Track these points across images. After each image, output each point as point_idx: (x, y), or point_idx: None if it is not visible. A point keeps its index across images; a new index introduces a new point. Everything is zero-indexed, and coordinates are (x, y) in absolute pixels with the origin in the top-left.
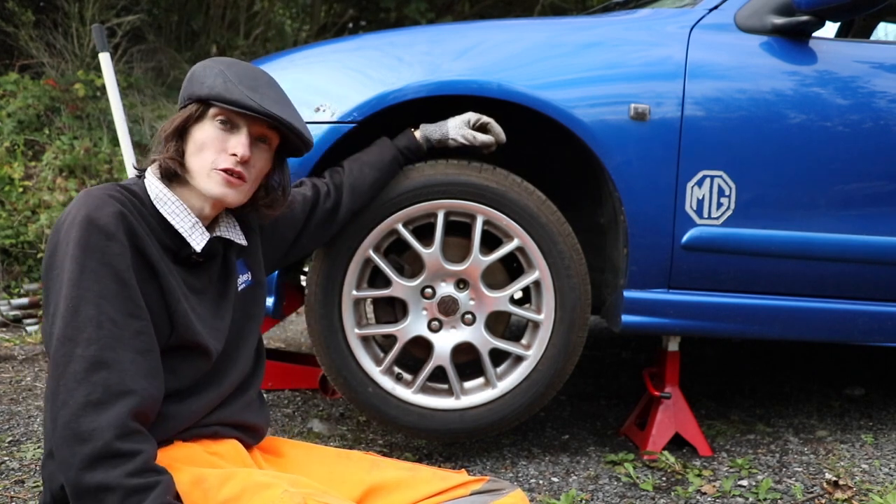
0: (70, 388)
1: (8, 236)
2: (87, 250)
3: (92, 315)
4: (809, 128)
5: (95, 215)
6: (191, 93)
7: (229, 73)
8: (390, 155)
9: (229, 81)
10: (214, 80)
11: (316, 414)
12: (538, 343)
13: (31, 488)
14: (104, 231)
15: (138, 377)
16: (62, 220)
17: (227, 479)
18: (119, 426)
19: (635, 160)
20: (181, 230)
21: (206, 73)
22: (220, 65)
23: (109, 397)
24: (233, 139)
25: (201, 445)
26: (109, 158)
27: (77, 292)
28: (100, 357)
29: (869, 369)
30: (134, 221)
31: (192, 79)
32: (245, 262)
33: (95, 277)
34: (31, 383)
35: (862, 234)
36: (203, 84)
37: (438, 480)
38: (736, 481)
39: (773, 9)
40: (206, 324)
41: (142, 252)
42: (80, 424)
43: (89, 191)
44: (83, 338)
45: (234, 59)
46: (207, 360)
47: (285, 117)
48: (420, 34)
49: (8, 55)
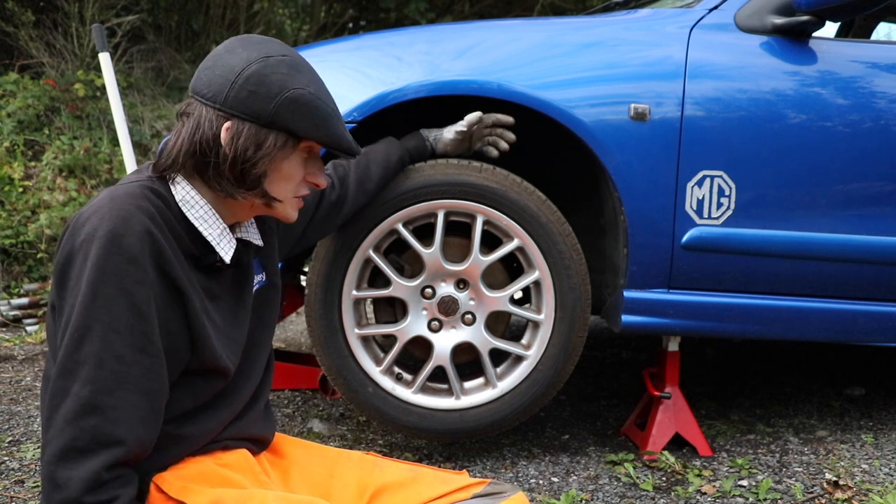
0: (59, 426)
1: (8, 236)
2: (105, 273)
3: (95, 351)
4: (809, 128)
5: (119, 232)
6: (291, 124)
7: (329, 101)
8: (397, 154)
9: (340, 123)
10: (314, 117)
11: (316, 414)
12: (538, 343)
13: (31, 488)
14: (126, 254)
15: (134, 423)
16: (80, 225)
17: (245, 502)
18: (90, 480)
19: (635, 160)
20: (210, 238)
21: (298, 102)
22: (310, 85)
23: (95, 447)
24: (311, 167)
25: (212, 458)
26: (109, 158)
27: (85, 321)
28: (94, 401)
29: (869, 369)
30: (161, 238)
31: (294, 107)
32: (260, 261)
33: (108, 306)
34: (31, 383)
35: (862, 234)
36: (298, 115)
37: (440, 483)
38: (736, 481)
39: (773, 9)
40: (223, 339)
41: (167, 274)
42: (58, 470)
43: (115, 196)
44: (81, 375)
45: (294, 56)
46: (225, 379)
47: (358, 147)
48: (419, 34)
49: (8, 55)
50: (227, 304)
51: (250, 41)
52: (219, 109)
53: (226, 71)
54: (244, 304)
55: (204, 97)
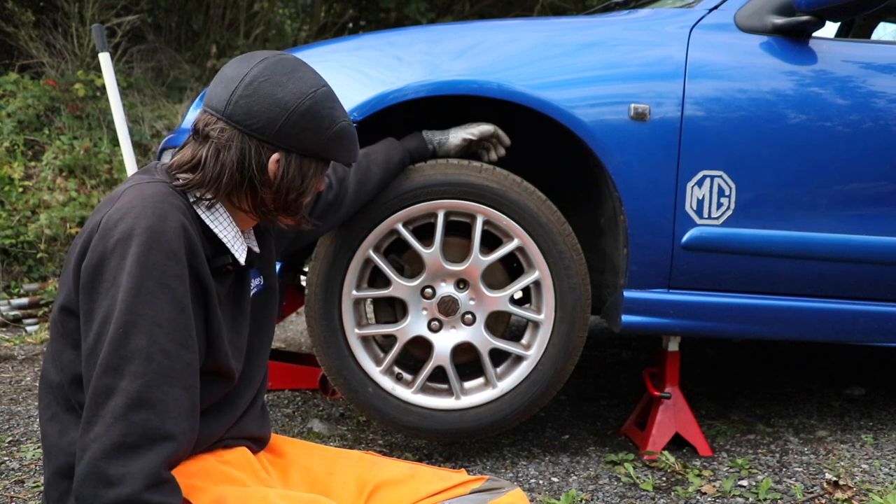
0: (107, 422)
1: (8, 236)
2: (147, 268)
3: (143, 345)
4: (809, 128)
5: (159, 228)
6: (322, 151)
7: (355, 135)
8: (398, 156)
9: (346, 138)
10: (354, 146)
11: (316, 414)
12: (538, 343)
13: (31, 488)
14: (167, 248)
15: (181, 418)
16: (111, 226)
17: (246, 500)
18: (151, 476)
19: (635, 160)
20: (226, 240)
21: (344, 135)
22: (344, 114)
23: (146, 442)
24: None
25: (213, 456)
26: (109, 158)
27: (130, 317)
28: (145, 395)
29: (869, 369)
30: (193, 235)
31: (337, 139)
32: (258, 266)
33: (152, 300)
34: (31, 383)
35: (862, 234)
36: (346, 149)
37: (438, 480)
38: (736, 481)
39: (773, 9)
40: (229, 341)
41: (197, 272)
42: (109, 466)
43: (146, 195)
44: (130, 370)
45: (334, 95)
46: (231, 382)
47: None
48: (419, 34)
49: (8, 55)
50: (228, 308)
51: (292, 69)
52: (267, 142)
53: (274, 104)
54: (242, 309)
55: (248, 127)
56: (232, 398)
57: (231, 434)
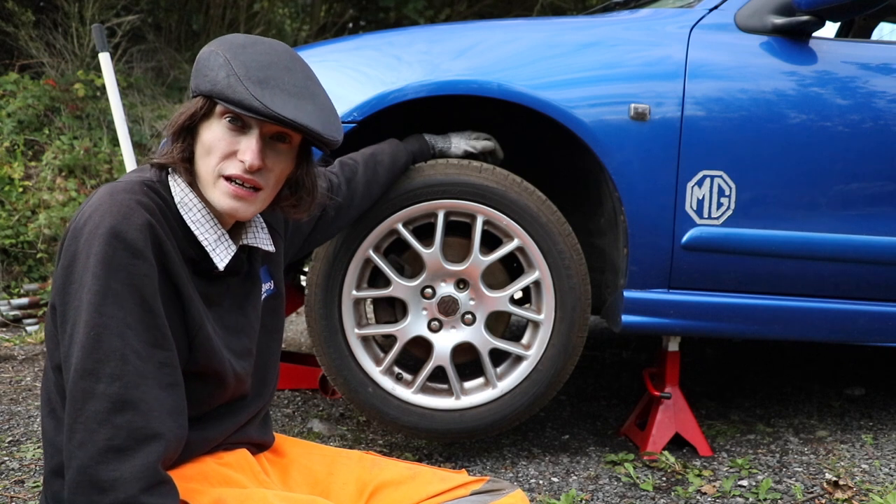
0: (90, 428)
1: (8, 236)
2: (111, 269)
3: (116, 347)
4: (810, 128)
5: (122, 228)
6: (196, 84)
7: (235, 64)
8: (404, 159)
9: (233, 75)
10: (217, 74)
11: (316, 414)
12: (538, 343)
13: (31, 488)
14: (131, 248)
15: (164, 417)
16: (81, 225)
17: (245, 501)
18: (146, 477)
19: (635, 160)
20: (205, 244)
21: (210, 63)
22: (228, 51)
23: (134, 443)
24: (243, 141)
25: (212, 458)
26: (109, 158)
27: (99, 319)
28: (124, 396)
29: (869, 369)
30: (162, 233)
31: (197, 67)
32: (268, 268)
33: (119, 302)
34: (31, 383)
35: (862, 234)
36: (206, 77)
37: (438, 481)
38: (736, 481)
39: (773, 9)
40: (227, 345)
41: (167, 271)
42: (100, 472)
43: (114, 192)
44: (106, 373)
45: (247, 40)
46: (227, 387)
47: (299, 118)
48: (419, 34)
49: (8, 55)
50: (227, 312)
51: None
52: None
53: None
54: (247, 314)
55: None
56: (235, 404)
57: (231, 439)
